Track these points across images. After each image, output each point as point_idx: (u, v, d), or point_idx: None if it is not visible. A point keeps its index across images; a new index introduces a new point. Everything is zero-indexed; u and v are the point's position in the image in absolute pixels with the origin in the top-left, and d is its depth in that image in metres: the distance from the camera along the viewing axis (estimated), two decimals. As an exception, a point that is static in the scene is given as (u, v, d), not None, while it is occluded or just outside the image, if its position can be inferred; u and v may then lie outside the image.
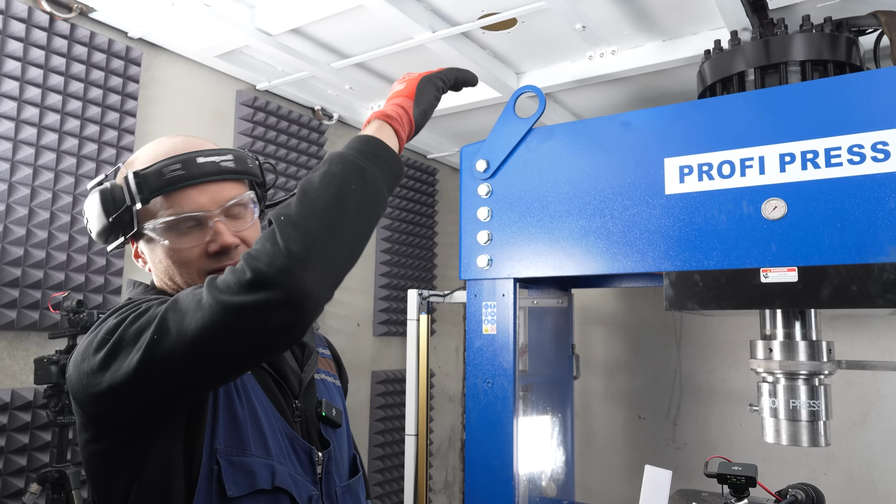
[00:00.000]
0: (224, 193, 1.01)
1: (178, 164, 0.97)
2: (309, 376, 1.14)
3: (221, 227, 1.00)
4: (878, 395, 2.68)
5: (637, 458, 3.23)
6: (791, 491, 1.50)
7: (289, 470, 1.01)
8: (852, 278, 1.52)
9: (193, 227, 1.00)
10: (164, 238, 1.00)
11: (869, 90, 1.57)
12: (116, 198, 0.99)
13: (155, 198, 0.97)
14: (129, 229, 1.00)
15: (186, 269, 1.01)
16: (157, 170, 0.97)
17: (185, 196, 0.98)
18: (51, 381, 1.78)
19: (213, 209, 1.00)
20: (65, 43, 2.10)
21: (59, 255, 2.06)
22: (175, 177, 0.97)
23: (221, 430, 0.95)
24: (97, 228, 1.02)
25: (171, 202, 0.98)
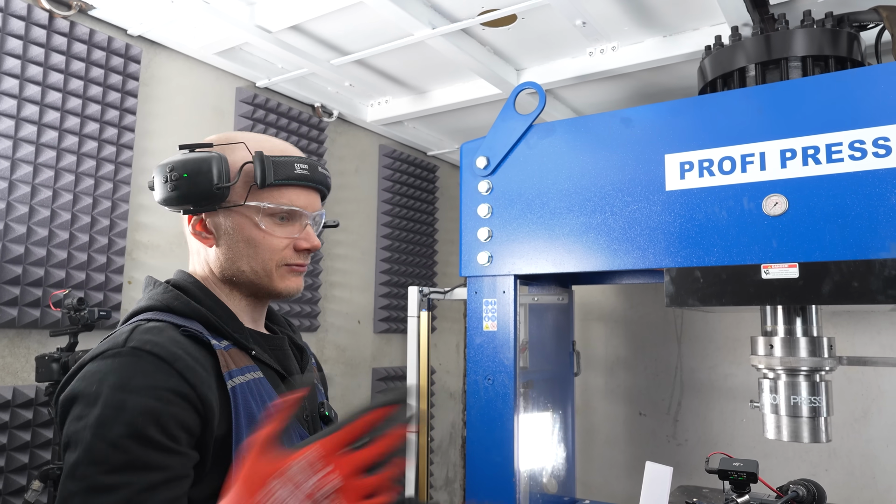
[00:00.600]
0: (317, 203, 1.13)
1: (306, 166, 1.08)
2: (311, 378, 1.17)
3: (312, 231, 1.11)
4: (879, 391, 2.68)
5: (638, 454, 3.23)
6: (792, 487, 1.50)
7: None
8: (853, 274, 1.52)
9: (286, 221, 1.08)
10: (262, 221, 1.06)
11: (870, 86, 1.56)
12: (226, 170, 1.03)
13: (275, 185, 1.05)
14: (219, 202, 1.04)
15: (268, 254, 1.07)
16: (290, 162, 1.06)
17: (295, 193, 1.08)
18: (52, 379, 1.78)
19: (311, 212, 1.11)
20: (64, 40, 2.10)
21: (60, 252, 2.06)
22: (303, 174, 1.07)
23: (244, 436, 0.94)
24: (192, 190, 1.03)
25: (279, 193, 1.06)
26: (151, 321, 0.98)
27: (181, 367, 0.91)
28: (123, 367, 0.89)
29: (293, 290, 1.11)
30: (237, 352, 1.04)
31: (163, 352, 0.91)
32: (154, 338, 0.93)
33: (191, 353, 0.94)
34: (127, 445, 0.85)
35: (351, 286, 3.23)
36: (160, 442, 0.87)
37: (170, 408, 0.88)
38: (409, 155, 3.56)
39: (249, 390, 0.99)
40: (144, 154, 2.35)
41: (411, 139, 3.49)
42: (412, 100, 3.04)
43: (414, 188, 3.60)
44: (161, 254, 2.40)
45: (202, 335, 0.98)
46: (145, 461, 0.85)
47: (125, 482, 0.84)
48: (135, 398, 0.87)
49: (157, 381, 0.89)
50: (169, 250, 2.42)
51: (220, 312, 1.06)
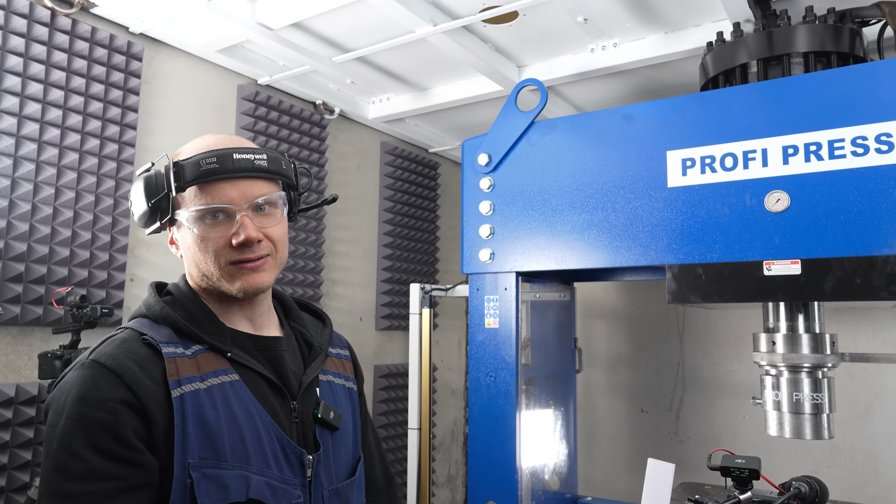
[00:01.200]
0: (254, 190, 1.06)
1: (214, 158, 1.03)
2: (310, 378, 1.14)
3: (247, 221, 1.04)
4: (881, 387, 2.68)
5: (640, 451, 3.23)
6: (795, 483, 1.50)
7: (269, 479, 1.01)
8: (856, 271, 1.52)
9: (222, 219, 1.05)
10: (193, 226, 1.05)
11: (872, 81, 1.56)
12: (157, 184, 1.06)
13: (190, 187, 1.03)
14: (165, 215, 1.07)
15: (211, 257, 1.05)
16: (195, 161, 1.03)
17: (218, 189, 1.04)
18: (55, 376, 1.78)
19: (242, 203, 1.05)
20: (66, 38, 2.10)
21: (63, 250, 2.06)
22: (210, 169, 1.02)
23: (193, 443, 0.96)
24: (138, 212, 1.09)
25: (204, 193, 1.04)
26: (125, 329, 1.05)
27: (128, 378, 0.95)
28: (83, 380, 0.95)
29: (250, 289, 1.07)
30: (209, 356, 1.04)
31: (114, 364, 0.96)
32: (112, 350, 0.99)
33: (142, 363, 0.98)
34: (85, 455, 0.91)
35: (353, 283, 3.23)
36: (116, 452, 0.92)
37: (121, 419, 0.93)
38: (410, 152, 3.56)
39: (209, 396, 1.00)
40: (147, 152, 2.36)
41: (413, 136, 3.49)
42: (414, 97, 3.04)
43: (415, 185, 3.60)
44: (163, 251, 2.40)
45: (156, 343, 1.00)
46: (102, 471, 0.91)
47: (83, 490, 0.90)
48: (90, 411, 0.92)
49: (110, 393, 0.94)
50: (171, 248, 2.42)
51: (199, 316, 1.07)
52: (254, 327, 1.14)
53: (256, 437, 1.02)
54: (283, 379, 1.10)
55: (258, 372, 1.07)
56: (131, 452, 0.92)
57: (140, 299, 2.30)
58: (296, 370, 1.14)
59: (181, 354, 1.01)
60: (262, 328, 1.15)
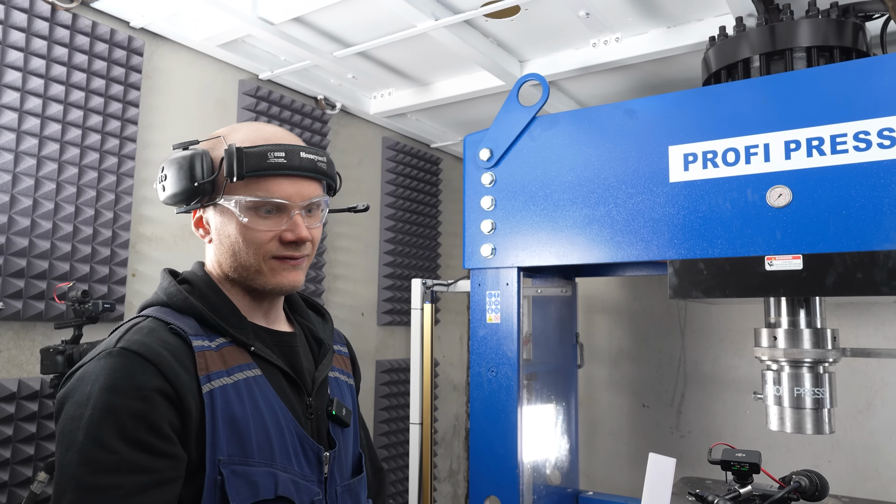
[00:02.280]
0: (309, 190, 1.05)
1: (282, 153, 1.01)
2: (323, 374, 1.14)
3: (300, 221, 1.04)
4: (882, 382, 2.68)
5: (641, 446, 3.24)
6: (795, 477, 1.50)
7: (293, 475, 1.00)
8: (857, 266, 1.51)
9: (273, 213, 1.03)
10: (244, 215, 1.01)
11: (875, 76, 1.55)
12: (207, 165, 1.02)
13: (249, 177, 1.00)
14: (207, 197, 1.03)
15: (254, 249, 1.03)
16: (262, 152, 1.00)
17: (277, 183, 1.02)
18: (57, 371, 1.79)
19: (298, 202, 1.03)
20: (66, 33, 2.09)
21: (64, 245, 2.06)
22: (277, 163, 1.00)
23: (223, 440, 0.94)
24: (178, 189, 1.03)
25: (260, 184, 1.01)
26: (148, 318, 1.00)
27: (165, 368, 0.92)
28: (112, 369, 0.90)
29: (287, 285, 1.06)
30: (233, 349, 1.02)
31: (148, 352, 0.92)
32: (142, 338, 0.94)
33: (176, 353, 0.95)
34: (116, 447, 0.86)
35: (354, 279, 3.23)
36: (150, 444, 0.88)
37: (157, 408, 0.89)
38: (412, 147, 3.56)
39: (236, 391, 0.98)
40: (147, 147, 2.36)
41: (414, 131, 3.49)
42: (415, 92, 3.03)
43: (417, 180, 3.60)
44: (165, 246, 2.40)
45: (185, 335, 0.98)
46: (134, 463, 0.87)
47: (114, 483, 0.85)
48: (123, 400, 0.88)
49: (143, 382, 0.90)
50: (173, 243, 2.43)
51: (221, 308, 1.05)
52: (268, 322, 1.12)
53: (280, 433, 1.01)
54: (299, 375, 1.09)
55: (278, 367, 1.06)
56: (166, 444, 0.89)
57: (142, 294, 2.30)
58: (308, 366, 1.13)
59: (207, 348, 0.99)
60: (274, 323, 1.14)
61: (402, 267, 3.47)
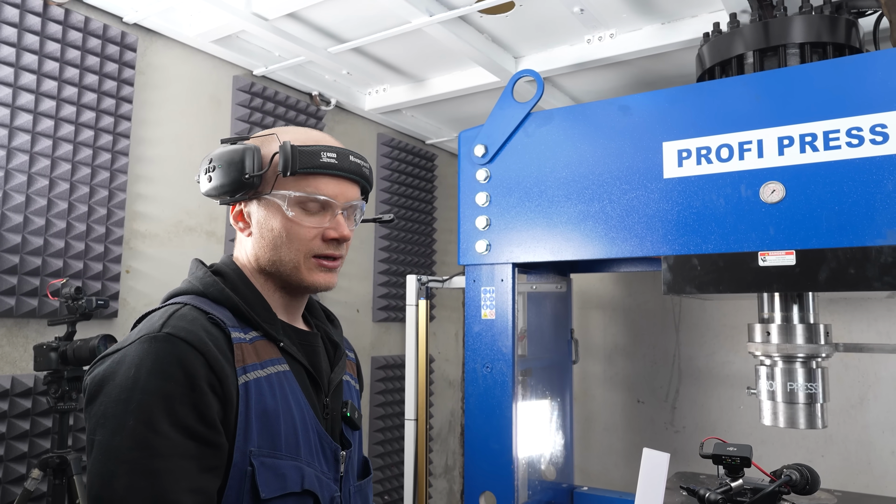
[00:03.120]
0: (351, 192, 1.10)
1: (334, 154, 1.06)
2: (339, 376, 1.17)
3: (342, 220, 1.08)
4: (875, 377, 2.70)
5: (636, 441, 3.25)
6: (786, 471, 1.51)
7: (316, 471, 1.02)
8: (850, 261, 1.52)
9: (318, 211, 1.07)
10: (291, 210, 1.05)
11: (868, 72, 1.56)
12: (258, 160, 1.05)
13: (301, 174, 1.04)
14: (252, 191, 1.06)
15: (297, 244, 1.06)
16: (316, 151, 1.05)
17: (325, 182, 1.06)
18: (50, 368, 1.79)
19: (342, 202, 1.08)
20: (59, 28, 2.08)
21: (57, 242, 2.06)
22: (329, 163, 1.05)
23: (254, 431, 0.95)
24: (226, 181, 1.06)
25: (309, 182, 1.05)
26: (186, 306, 1.00)
27: (211, 358, 0.93)
28: (159, 353, 0.91)
29: (322, 285, 1.08)
30: (265, 343, 1.04)
31: (196, 340, 0.93)
32: (187, 325, 0.95)
33: (217, 343, 0.96)
34: (168, 432, 0.87)
35: (349, 275, 3.23)
36: (198, 432, 0.89)
37: (205, 398, 0.90)
38: (407, 143, 3.55)
39: (269, 385, 1.00)
40: (141, 143, 2.35)
41: (409, 127, 3.48)
42: (410, 88, 3.03)
43: (412, 177, 3.60)
44: (159, 243, 2.39)
45: (224, 326, 0.99)
46: (184, 449, 0.88)
47: (168, 468, 0.86)
48: (174, 386, 0.89)
49: (192, 370, 0.91)
50: (167, 239, 2.42)
51: (254, 301, 1.06)
52: (290, 320, 1.14)
53: (305, 429, 1.03)
54: (319, 374, 1.12)
55: (303, 365, 1.08)
56: (211, 433, 0.91)
57: (136, 291, 2.30)
58: (325, 368, 1.15)
59: (243, 340, 1.01)
60: (295, 322, 1.16)
61: (398, 263, 3.47)
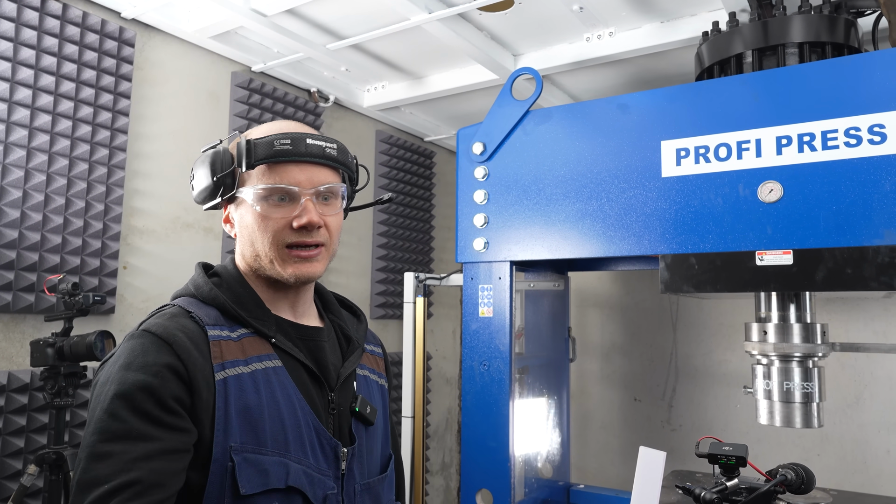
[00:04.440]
0: (320, 177, 1.08)
1: (287, 140, 1.05)
2: (348, 371, 1.15)
3: (310, 206, 1.06)
4: (871, 377, 2.70)
5: (632, 439, 3.25)
6: (781, 471, 1.51)
7: (306, 468, 1.01)
8: (847, 261, 1.52)
9: (286, 200, 1.06)
10: (257, 204, 1.05)
11: (867, 72, 1.56)
12: (225, 160, 1.07)
13: (259, 165, 1.05)
14: (228, 191, 1.08)
15: (269, 237, 1.06)
16: (269, 141, 1.05)
17: (287, 171, 1.05)
18: (47, 364, 1.78)
19: (308, 188, 1.06)
20: (57, 23, 2.08)
21: (55, 237, 2.05)
22: (282, 150, 1.04)
23: (235, 427, 0.96)
24: (202, 186, 1.09)
25: (272, 173, 1.05)
26: (174, 307, 1.05)
27: (178, 347, 0.96)
28: (131, 349, 0.96)
29: (302, 275, 1.07)
30: (254, 340, 1.04)
31: (163, 332, 0.97)
32: (163, 321, 0.99)
33: (193, 338, 0.98)
34: (124, 416, 0.91)
35: (347, 272, 3.23)
36: (156, 416, 0.91)
37: (165, 383, 0.93)
38: (405, 140, 3.55)
39: (252, 381, 1.00)
40: (139, 138, 2.34)
41: (408, 125, 3.48)
42: (409, 85, 3.02)
43: (411, 174, 3.59)
44: (157, 238, 2.39)
45: (202, 324, 1.01)
46: (141, 432, 0.90)
47: (122, 450, 0.89)
48: (133, 374, 0.93)
49: (155, 358, 0.94)
50: (164, 235, 2.42)
51: (246, 299, 1.07)
52: (295, 316, 1.14)
53: (296, 424, 1.02)
54: (322, 369, 1.10)
55: (299, 360, 1.08)
56: (172, 417, 0.92)
57: (133, 287, 2.30)
58: (335, 362, 1.14)
59: (226, 337, 1.02)
60: (302, 317, 1.15)
61: (395, 261, 3.47)
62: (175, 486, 0.91)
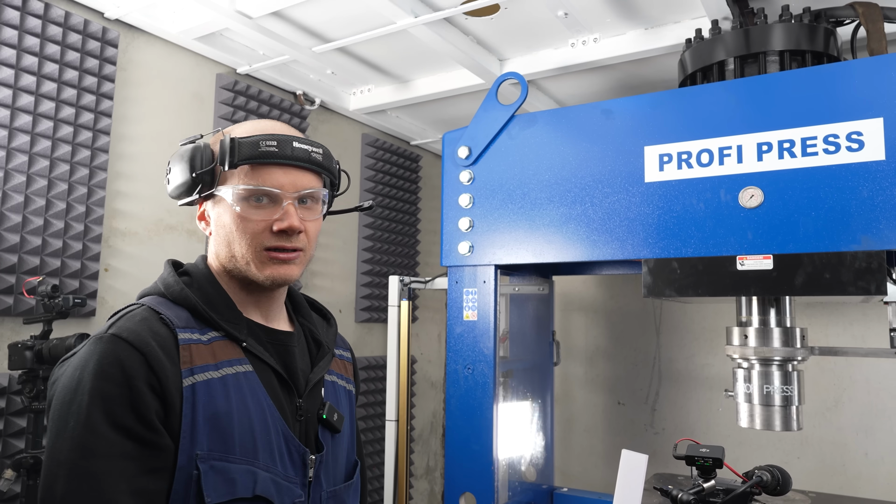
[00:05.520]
0: (304, 181, 1.06)
1: (274, 142, 1.03)
2: (318, 377, 1.13)
3: (292, 210, 1.03)
4: (850, 380, 2.74)
5: (616, 443, 3.27)
6: (757, 472, 1.53)
7: (274, 475, 0.99)
8: (826, 266, 1.55)
9: (267, 202, 1.03)
10: (237, 204, 1.03)
11: (845, 81, 1.59)
12: (205, 157, 1.05)
13: (242, 165, 1.02)
14: (206, 188, 1.05)
15: (247, 239, 1.04)
16: (255, 141, 1.02)
17: (270, 173, 1.03)
18: (25, 367, 1.76)
19: (291, 192, 1.04)
20: (39, 23, 2.05)
21: (34, 239, 2.02)
22: (268, 152, 1.02)
23: (202, 434, 0.93)
24: (179, 181, 1.06)
25: (255, 174, 1.03)
26: (142, 306, 1.01)
27: (152, 358, 0.92)
28: (102, 355, 0.91)
29: (278, 278, 1.05)
30: (225, 343, 1.02)
31: (137, 341, 0.93)
32: (133, 326, 0.95)
33: (163, 344, 0.95)
34: (106, 433, 0.87)
35: (332, 275, 3.22)
36: (138, 433, 0.89)
37: (144, 399, 0.90)
38: (391, 144, 3.55)
39: (222, 386, 0.97)
40: (122, 140, 2.32)
41: (394, 128, 3.48)
42: (395, 89, 3.03)
43: (397, 177, 3.59)
44: (139, 241, 2.37)
45: (173, 326, 0.98)
46: (123, 450, 0.87)
47: (107, 469, 0.86)
48: (113, 387, 0.89)
49: (133, 371, 0.91)
50: (147, 238, 2.39)
51: (217, 301, 1.05)
52: (266, 319, 1.12)
53: (265, 431, 1.00)
54: (291, 375, 1.08)
55: (270, 365, 1.06)
56: (151, 434, 0.90)
57: (115, 290, 2.27)
58: (304, 367, 1.12)
59: (197, 341, 0.99)
60: (273, 321, 1.13)
61: (381, 264, 3.46)
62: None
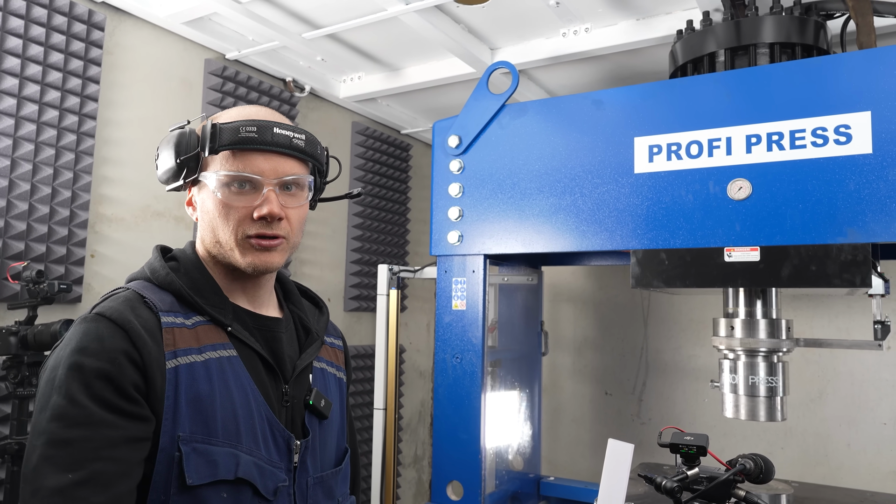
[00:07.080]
0: (286, 168, 1.06)
1: (254, 128, 1.03)
2: (305, 363, 1.13)
3: (272, 196, 1.04)
4: (834, 372, 2.77)
5: (603, 433, 3.30)
6: (741, 460, 1.54)
7: (257, 459, 1.00)
8: (812, 258, 1.56)
9: (248, 189, 1.04)
10: (218, 191, 1.03)
11: (834, 74, 1.59)
12: (190, 143, 1.05)
13: (224, 151, 1.02)
14: (191, 174, 1.05)
15: (230, 225, 1.04)
16: (235, 127, 1.02)
17: (251, 159, 1.03)
18: (10, 353, 1.74)
19: (272, 178, 1.04)
20: (23, 4, 2.02)
21: (19, 224, 2.00)
22: (248, 137, 1.02)
23: (185, 416, 0.94)
24: (166, 166, 1.07)
25: (236, 160, 1.03)
26: (128, 290, 1.02)
27: (133, 333, 0.94)
28: (84, 332, 0.94)
29: (260, 265, 1.05)
30: (210, 328, 1.03)
31: (118, 318, 0.95)
32: (117, 305, 0.97)
33: (146, 325, 0.97)
34: (84, 403, 0.89)
35: (321, 264, 3.21)
36: (116, 404, 0.90)
37: (123, 370, 0.91)
38: (382, 133, 3.53)
39: (205, 370, 0.98)
40: (108, 125, 2.29)
41: (385, 117, 3.46)
42: (386, 77, 3.01)
43: (387, 166, 3.58)
44: (125, 227, 2.35)
45: (156, 309, 0.99)
46: (102, 419, 0.89)
47: (84, 437, 0.87)
48: (90, 360, 0.91)
49: (111, 344, 0.92)
50: (134, 224, 2.37)
51: (203, 286, 1.05)
52: (253, 305, 1.12)
53: (248, 415, 1.01)
54: (278, 361, 1.09)
55: (255, 350, 1.06)
56: (132, 405, 0.91)
57: (101, 276, 2.25)
58: (291, 354, 1.13)
59: (180, 325, 1.00)
60: (261, 307, 1.13)
61: (370, 253, 3.45)
62: (139, 476, 0.90)
